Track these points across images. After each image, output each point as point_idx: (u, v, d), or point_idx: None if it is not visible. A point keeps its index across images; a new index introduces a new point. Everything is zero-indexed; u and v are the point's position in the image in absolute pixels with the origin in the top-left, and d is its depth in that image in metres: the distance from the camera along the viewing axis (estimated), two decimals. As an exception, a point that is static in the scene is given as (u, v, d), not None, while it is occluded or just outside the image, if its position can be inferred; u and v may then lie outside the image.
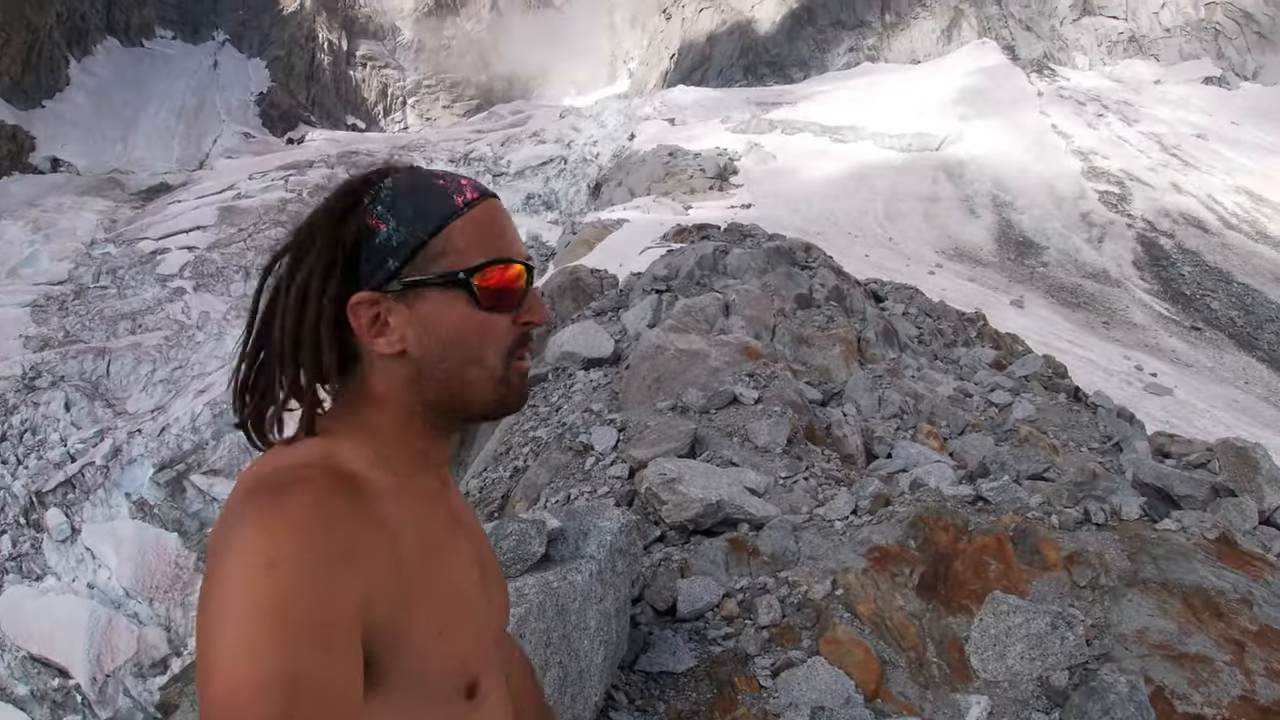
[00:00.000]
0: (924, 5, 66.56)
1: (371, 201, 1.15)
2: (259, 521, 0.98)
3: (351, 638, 0.98)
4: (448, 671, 1.16)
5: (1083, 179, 41.21)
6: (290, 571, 0.94)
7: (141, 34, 77.60)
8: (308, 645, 0.91)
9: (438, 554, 1.18)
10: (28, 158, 55.56)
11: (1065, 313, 29.07)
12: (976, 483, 4.87)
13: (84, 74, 67.35)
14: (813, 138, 49.83)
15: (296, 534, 0.97)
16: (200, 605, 0.99)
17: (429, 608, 1.12)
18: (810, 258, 14.01)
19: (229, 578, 0.95)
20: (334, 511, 1.02)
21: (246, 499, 1.04)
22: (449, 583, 1.20)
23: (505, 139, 60.77)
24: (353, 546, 1.01)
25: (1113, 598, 3.51)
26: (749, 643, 3.53)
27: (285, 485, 1.03)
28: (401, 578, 1.08)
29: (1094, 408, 10.13)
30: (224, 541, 0.99)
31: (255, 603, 0.92)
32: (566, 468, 6.26)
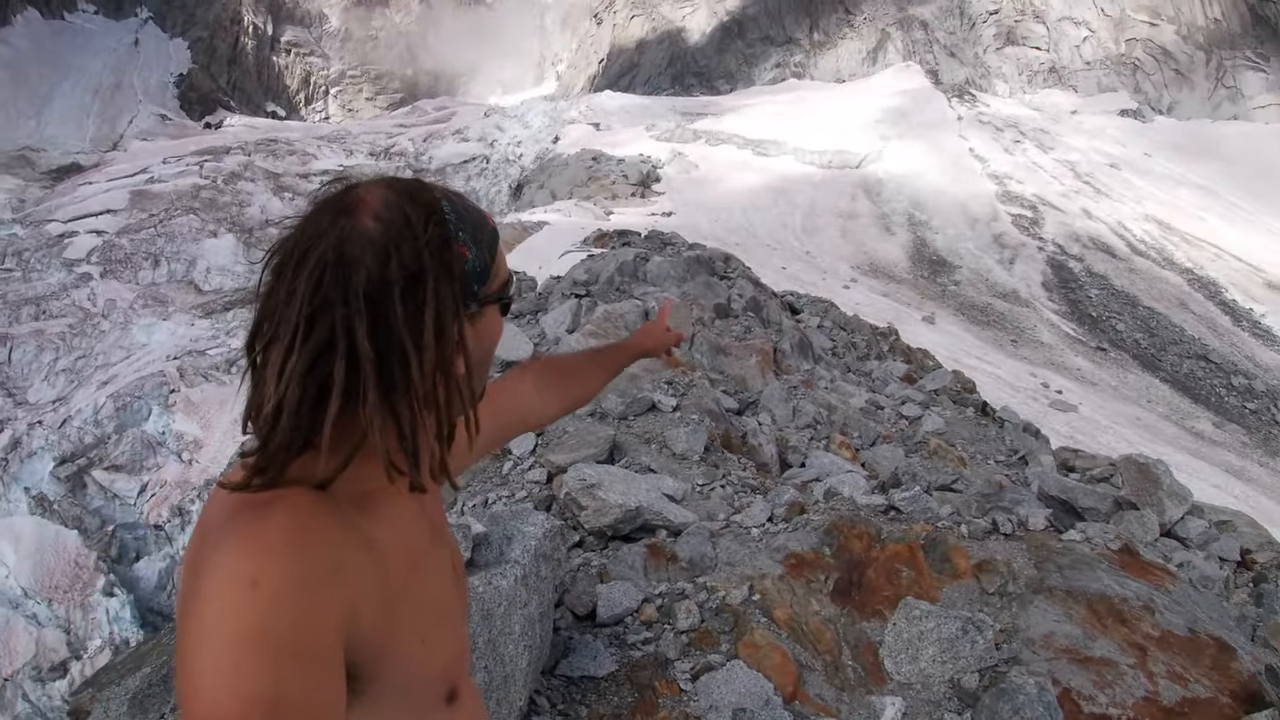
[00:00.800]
0: (852, 26, 67.95)
1: (455, 228, 1.13)
2: (241, 540, 0.97)
3: (334, 658, 0.97)
4: (430, 679, 1.17)
5: (997, 202, 42.49)
6: (273, 592, 0.93)
7: (63, 6, 74.52)
8: (290, 667, 0.91)
9: (420, 565, 1.18)
10: (-68, 130, 53.07)
11: (975, 330, 29.87)
12: (889, 493, 4.99)
13: (0, 44, 64.59)
14: (736, 149, 50.42)
15: (279, 553, 0.96)
16: (180, 625, 0.97)
17: (412, 619, 1.12)
18: (729, 268, 14.17)
19: (211, 598, 0.93)
20: (318, 530, 1.01)
21: (228, 517, 1.01)
22: (431, 593, 1.20)
23: (428, 135, 60.13)
24: (336, 565, 1.00)
25: (1020, 604, 3.64)
26: (668, 647, 3.56)
27: (267, 503, 1.01)
28: (386, 592, 1.07)
29: (1001, 422, 10.44)
30: (205, 561, 0.98)
31: (238, 623, 0.91)
32: (484, 471, 6.22)
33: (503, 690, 2.93)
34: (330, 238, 1.03)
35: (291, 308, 1.01)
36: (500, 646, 2.94)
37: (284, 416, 1.00)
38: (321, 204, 1.09)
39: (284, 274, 1.03)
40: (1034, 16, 62.88)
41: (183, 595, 1.01)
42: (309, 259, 1.02)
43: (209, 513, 1.07)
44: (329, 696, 0.96)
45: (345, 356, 1.00)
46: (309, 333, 1.00)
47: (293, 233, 1.07)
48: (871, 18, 67.49)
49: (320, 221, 1.06)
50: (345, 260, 1.02)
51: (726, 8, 72.77)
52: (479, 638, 2.88)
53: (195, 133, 63.18)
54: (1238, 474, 21.50)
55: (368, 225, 1.04)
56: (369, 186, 1.11)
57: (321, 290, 1.00)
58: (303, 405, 1.00)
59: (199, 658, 0.90)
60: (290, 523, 0.99)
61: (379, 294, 1.02)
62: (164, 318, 31.61)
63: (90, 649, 19.08)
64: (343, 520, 1.05)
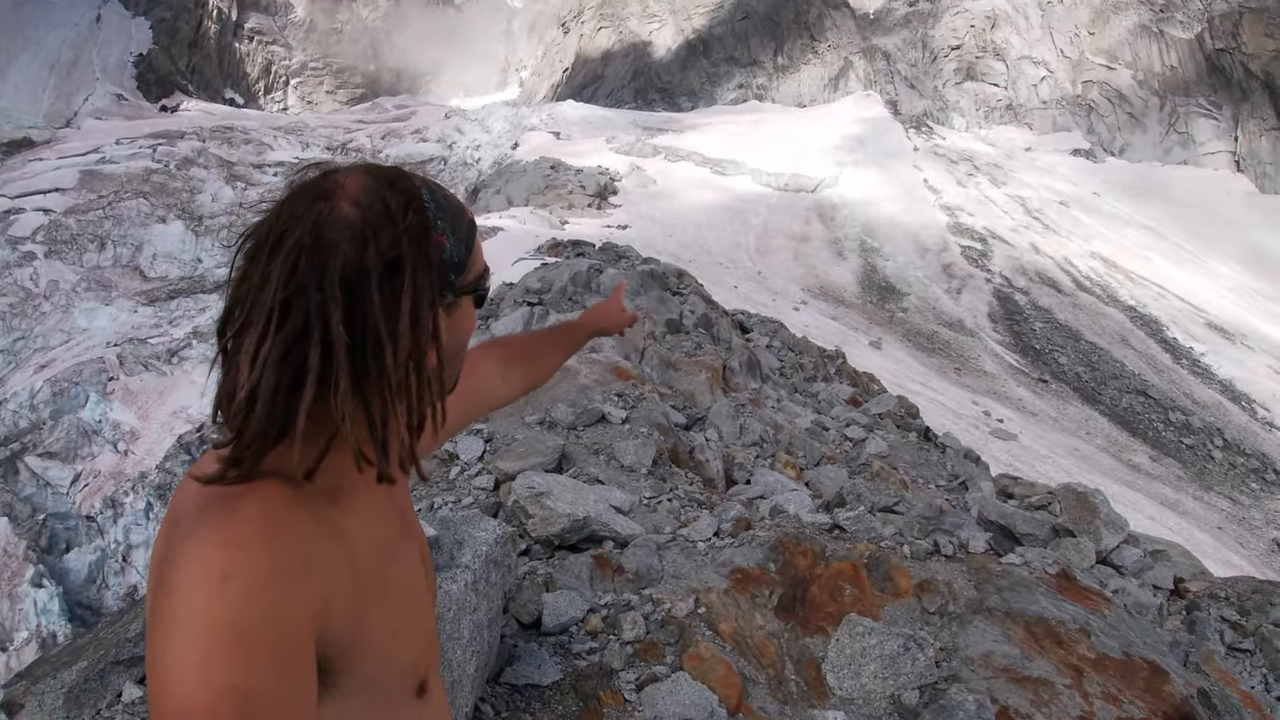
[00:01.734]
0: (816, 53, 68.77)
1: (434, 216, 1.12)
2: (213, 532, 0.96)
3: (305, 650, 0.97)
4: (400, 672, 1.17)
5: (948, 233, 43.18)
6: (244, 584, 0.92)
7: (27, -25, 72.74)
8: (261, 660, 0.91)
9: (390, 557, 1.19)
10: (-117, 95, 51.41)
11: (921, 356, 30.28)
12: (834, 512, 5.06)
13: (-41, 12, 62.90)
14: (694, 167, 50.73)
15: (251, 546, 0.95)
16: (151, 617, 0.96)
17: (383, 612, 1.13)
18: (682, 284, 14.26)
19: (181, 590, 0.93)
20: (290, 522, 1.00)
21: (199, 509, 1.01)
22: (401, 586, 1.20)
23: (386, 132, 59.73)
24: (308, 557, 1.00)
25: (960, 624, 3.72)
26: (614, 657, 3.57)
27: (239, 495, 1.00)
28: (357, 585, 1.07)
29: (943, 448, 10.62)
30: (176, 552, 0.97)
31: (208, 616, 0.90)
32: (430, 475, 6.19)
33: (450, 695, 2.92)
34: (307, 222, 1.02)
35: (266, 293, 0.99)
36: (448, 652, 2.93)
37: (259, 404, 0.98)
38: (299, 189, 1.08)
39: (258, 258, 1.02)
40: (994, 54, 64.18)
41: (153, 587, 1.01)
42: (284, 243, 1.01)
43: (179, 503, 1.07)
44: (300, 689, 0.95)
45: (320, 343, 0.99)
46: (283, 318, 0.99)
47: (268, 217, 1.06)
48: (836, 45, 68.42)
49: (297, 206, 1.04)
50: (322, 245, 1.01)
51: (693, 25, 73.27)
52: (427, 641, 2.87)
53: (151, 115, 62.06)
54: (1173, 506, 22.06)
55: (346, 211, 1.04)
56: (348, 172, 1.09)
57: (297, 275, 0.99)
58: (278, 393, 0.98)
59: (169, 650, 0.90)
60: (262, 515, 0.98)
61: (356, 280, 1.01)
62: (107, 303, 30.94)
63: (17, 641, 18.52)
64: (314, 513, 1.04)
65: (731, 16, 72.12)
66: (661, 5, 75.34)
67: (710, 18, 73.08)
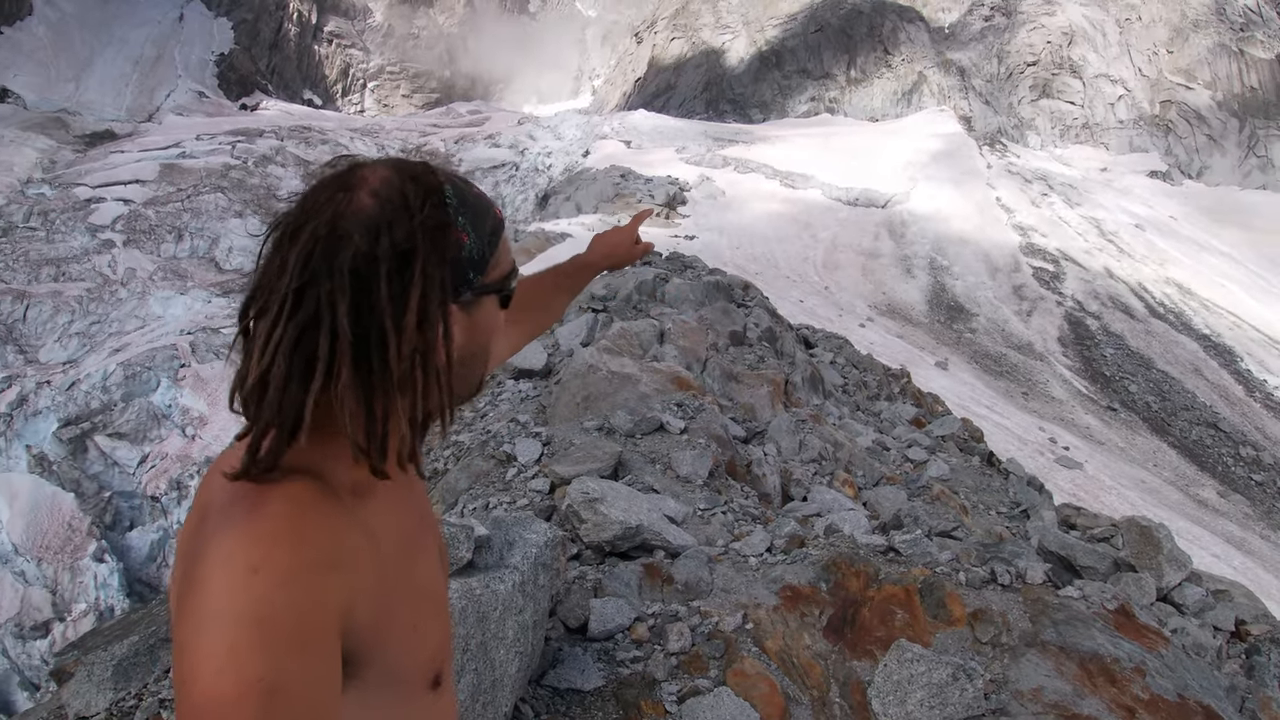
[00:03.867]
0: (889, 66, 68.05)
1: (454, 212, 1.12)
2: (241, 527, 0.97)
3: (332, 645, 0.98)
4: (419, 665, 1.19)
5: (1020, 253, 42.39)
6: (273, 578, 0.93)
7: (114, -27, 75.40)
8: (288, 653, 0.91)
9: (412, 553, 1.20)
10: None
11: (987, 379, 29.75)
12: (890, 534, 4.98)
13: (48, 6, 65.38)
14: (764, 179, 50.48)
15: (280, 540, 0.97)
16: (178, 610, 0.97)
17: (406, 606, 1.14)
18: (748, 296, 14.17)
19: (210, 583, 0.94)
20: (317, 517, 1.01)
21: (228, 503, 1.02)
22: (422, 581, 1.22)
23: (460, 137, 60.51)
24: (336, 553, 1.01)
25: (1012, 656, 3.63)
26: (657, 668, 3.56)
27: (266, 490, 1.01)
28: (382, 580, 1.09)
29: (1006, 474, 10.40)
30: (204, 546, 0.98)
31: (237, 609, 0.91)
32: (487, 476, 6.23)
33: (490, 694, 2.94)
34: (326, 212, 1.03)
35: (282, 280, 1.00)
36: (492, 650, 2.94)
37: (270, 391, 1.00)
38: (323, 180, 1.09)
39: (280, 246, 1.04)
40: (1071, 71, 62.91)
41: (180, 580, 1.02)
42: (302, 233, 1.02)
43: (207, 496, 1.08)
44: (326, 683, 0.96)
45: (329, 332, 0.99)
46: (296, 306, 1.00)
47: (293, 207, 1.07)
48: (909, 59, 67.59)
49: (319, 196, 1.06)
50: (336, 235, 1.02)
51: (766, 37, 73.02)
52: (471, 640, 2.89)
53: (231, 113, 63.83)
54: (1238, 545, 21.32)
55: (364, 202, 1.04)
56: (373, 165, 1.11)
57: (311, 264, 1.00)
58: (289, 380, 0.99)
59: (197, 642, 0.91)
60: (290, 510, 1.00)
61: (365, 271, 1.01)
62: (182, 291, 31.80)
63: (75, 612, 19.10)
64: (341, 509, 1.06)
65: (804, 28, 71.69)
66: (734, 16, 75.23)
67: (783, 29, 72.75)
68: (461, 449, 7.35)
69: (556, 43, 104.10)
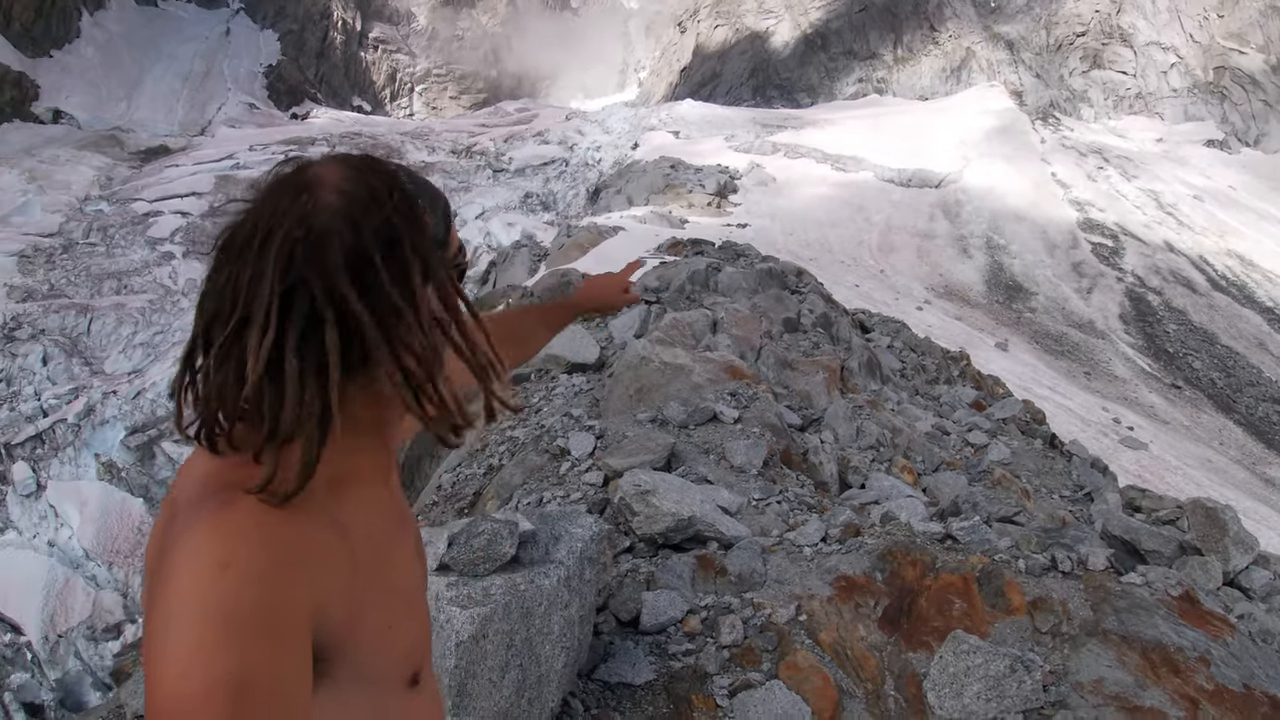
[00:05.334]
0: (936, 43, 66.92)
1: (415, 194, 1.13)
2: (212, 522, 0.97)
3: (302, 641, 0.98)
4: (394, 663, 1.18)
5: (1077, 229, 41.47)
6: (243, 574, 0.93)
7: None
8: (258, 649, 0.91)
9: (387, 551, 1.19)
10: (30, 106, 55.03)
11: (1048, 359, 29.18)
12: (947, 521, 4.89)
13: (95, 27, 66.85)
14: (815, 164, 49.99)
15: (251, 536, 0.96)
16: (148, 604, 0.97)
17: (379, 605, 1.13)
18: (801, 282, 14.05)
19: (180, 578, 0.94)
20: (288, 513, 1.00)
21: (199, 498, 1.02)
22: (397, 579, 1.21)
23: (509, 135, 60.75)
24: (307, 549, 1.01)
25: (1073, 646, 3.53)
26: (709, 661, 3.53)
27: (238, 486, 1.00)
28: (355, 577, 1.08)
29: (1069, 456, 10.19)
30: (175, 542, 0.98)
31: (206, 604, 0.91)
32: (541, 470, 6.25)
33: (535, 689, 2.93)
34: (293, 216, 1.02)
35: (261, 287, 0.99)
36: (537, 646, 2.94)
37: (288, 390, 0.99)
38: (275, 186, 1.08)
39: (245, 257, 1.02)
40: (1121, 40, 61.15)
41: (151, 574, 1.02)
42: (273, 239, 1.01)
43: (180, 491, 1.08)
44: (296, 680, 0.96)
45: (337, 325, 1.00)
46: (286, 309, 0.99)
47: (245, 217, 1.06)
48: (956, 34, 66.32)
49: (279, 202, 1.04)
50: (315, 235, 1.01)
51: (810, 20, 72.26)
52: (516, 635, 2.88)
53: (282, 123, 64.88)
54: (1307, 525, 20.66)
55: (331, 200, 1.04)
56: (322, 164, 1.10)
57: (294, 267, 1.00)
58: (304, 375, 0.99)
59: (166, 637, 0.91)
60: (262, 506, 0.99)
61: (358, 263, 1.02)
62: (242, 300, 32.45)
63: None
64: (315, 505, 1.04)
65: (849, 9, 70.72)
66: (777, 0, 74.57)
67: (827, 11, 71.86)
68: (516, 444, 7.39)
69: (600, 37, 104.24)
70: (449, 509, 6.76)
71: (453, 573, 3.04)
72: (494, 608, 2.86)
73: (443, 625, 2.81)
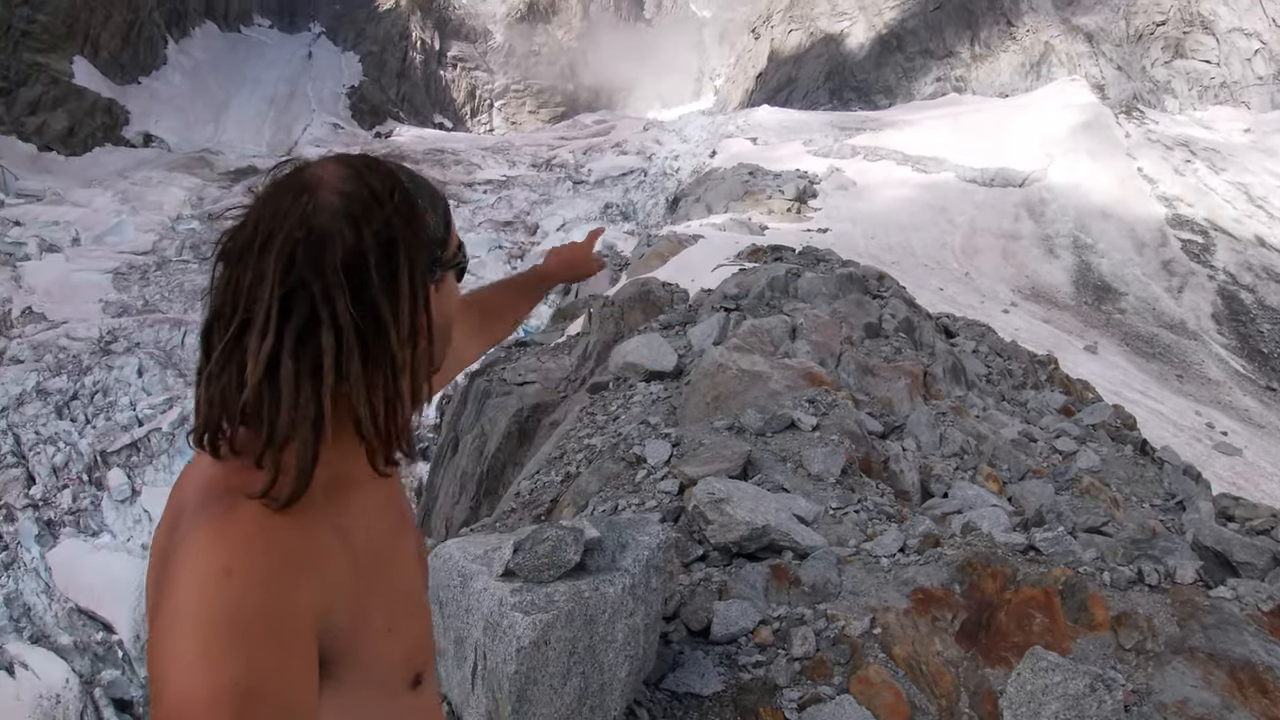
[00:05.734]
0: (1014, 39, 65.31)
1: (415, 194, 1.14)
2: (215, 529, 0.98)
3: (307, 646, 0.99)
4: (395, 665, 1.19)
5: (1166, 226, 39.97)
6: (247, 580, 0.94)
7: (239, 20, 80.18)
8: (263, 655, 0.92)
9: (389, 554, 1.20)
10: (121, 131, 57.60)
11: (1139, 362, 28.22)
12: (1030, 531, 4.76)
13: (181, 55, 69.52)
14: (895, 166, 49.19)
15: (254, 542, 0.97)
16: (154, 611, 0.99)
17: (381, 608, 1.14)
18: (883, 287, 13.83)
19: (185, 584, 0.94)
20: (290, 519, 1.01)
21: (201, 504, 1.02)
22: (399, 582, 1.22)
23: (588, 148, 61.28)
24: (310, 554, 1.02)
25: (1157, 664, 3.39)
26: (779, 673, 3.48)
27: (240, 491, 1.01)
28: (357, 580, 1.09)
29: (1160, 463, 9.84)
30: (178, 548, 0.99)
31: (211, 610, 0.91)
32: (617, 478, 6.26)
33: (598, 697, 2.93)
34: (293, 217, 1.03)
35: (262, 289, 1.00)
36: (600, 653, 2.94)
37: (283, 394, 0.99)
38: (275, 187, 1.09)
39: (245, 260, 1.03)
40: (1202, 27, 58.64)
41: (154, 581, 1.04)
42: (274, 240, 1.02)
43: (181, 499, 1.09)
44: (301, 684, 0.97)
45: (331, 328, 1.00)
46: (286, 311, 0.99)
47: (247, 219, 1.07)
48: (1034, 29, 64.52)
49: (280, 203, 1.05)
50: (315, 236, 1.02)
51: (885, 20, 71.18)
52: (579, 643, 2.89)
53: (366, 141, 66.48)
54: None
55: (332, 200, 1.05)
56: (322, 164, 1.11)
57: (295, 268, 1.00)
58: (299, 378, 0.99)
59: (171, 644, 0.92)
60: (264, 511, 0.99)
61: (356, 264, 1.02)
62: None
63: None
64: (316, 509, 1.05)
65: (923, 7, 69.34)
66: (850, 2, 73.53)
67: (901, 10, 70.62)
68: (593, 452, 7.43)
69: (674, 46, 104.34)
70: (526, 516, 6.81)
71: (517, 578, 3.06)
72: (557, 614, 2.87)
73: (505, 630, 2.83)
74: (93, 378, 28.25)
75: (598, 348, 12.75)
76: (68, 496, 24.31)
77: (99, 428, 26.23)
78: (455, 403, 15.63)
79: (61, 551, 22.81)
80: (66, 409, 27.20)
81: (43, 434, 26.13)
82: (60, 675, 19.63)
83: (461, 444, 13.18)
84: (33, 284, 34.37)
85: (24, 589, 22.00)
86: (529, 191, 52.77)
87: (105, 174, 48.65)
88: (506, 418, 12.12)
